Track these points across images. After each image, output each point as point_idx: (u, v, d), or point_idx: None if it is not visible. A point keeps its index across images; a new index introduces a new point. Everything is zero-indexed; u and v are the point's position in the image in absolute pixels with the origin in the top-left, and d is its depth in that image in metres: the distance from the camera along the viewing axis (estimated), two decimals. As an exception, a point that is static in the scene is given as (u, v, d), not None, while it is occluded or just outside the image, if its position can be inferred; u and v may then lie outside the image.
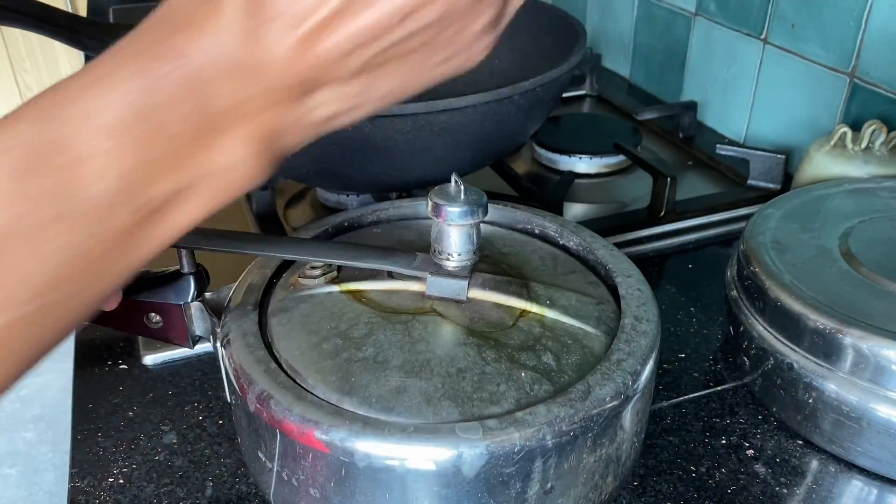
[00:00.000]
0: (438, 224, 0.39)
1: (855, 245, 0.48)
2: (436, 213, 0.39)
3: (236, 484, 0.43)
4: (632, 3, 0.98)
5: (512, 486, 0.32)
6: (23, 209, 0.22)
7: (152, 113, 0.23)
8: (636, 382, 0.35)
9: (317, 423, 0.32)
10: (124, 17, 1.27)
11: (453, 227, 0.39)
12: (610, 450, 0.35)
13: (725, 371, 0.51)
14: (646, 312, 0.39)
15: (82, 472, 0.44)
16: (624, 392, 0.34)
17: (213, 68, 0.23)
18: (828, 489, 0.43)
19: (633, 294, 0.41)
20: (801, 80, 0.73)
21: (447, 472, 0.32)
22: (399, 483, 0.32)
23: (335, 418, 0.32)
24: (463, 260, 0.40)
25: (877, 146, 0.60)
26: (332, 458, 0.32)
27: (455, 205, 0.38)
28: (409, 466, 0.31)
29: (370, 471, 0.32)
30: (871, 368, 0.41)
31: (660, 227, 0.66)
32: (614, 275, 0.42)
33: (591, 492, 0.36)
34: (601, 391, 0.34)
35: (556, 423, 0.32)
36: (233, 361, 0.37)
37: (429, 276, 0.39)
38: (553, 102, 0.59)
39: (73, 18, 0.67)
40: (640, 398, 0.36)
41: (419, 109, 0.50)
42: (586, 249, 0.45)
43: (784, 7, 0.73)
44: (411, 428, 0.32)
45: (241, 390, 0.35)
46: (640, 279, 0.42)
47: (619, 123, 0.83)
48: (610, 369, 0.35)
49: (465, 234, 0.39)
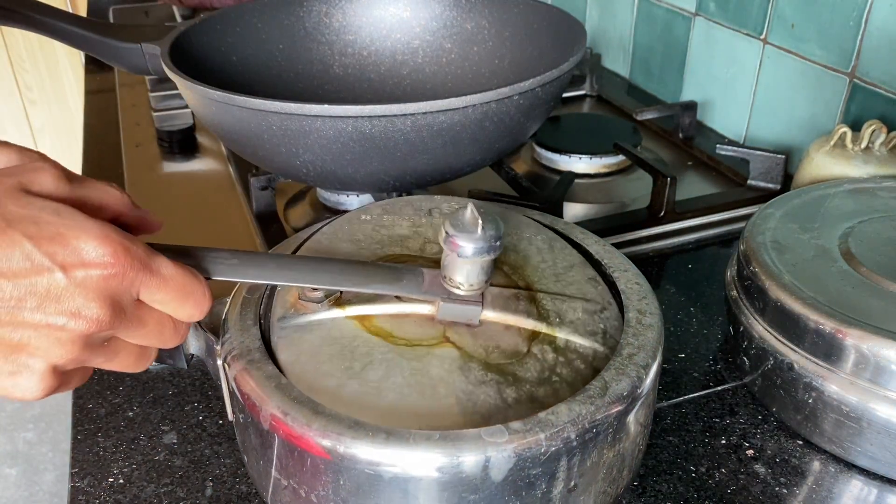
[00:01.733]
0: (451, 255, 0.37)
1: (855, 245, 0.48)
2: (450, 245, 0.36)
3: (236, 484, 0.43)
4: (631, 3, 0.98)
5: (538, 486, 0.33)
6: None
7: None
8: (648, 374, 0.36)
9: (338, 437, 0.32)
10: (124, 17, 1.27)
11: (468, 261, 0.37)
12: (627, 443, 0.36)
13: (725, 371, 0.51)
14: (648, 306, 0.40)
15: (82, 471, 0.44)
16: (638, 385, 0.35)
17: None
18: (828, 489, 0.43)
19: (632, 288, 0.42)
20: (800, 80, 0.73)
21: (475, 477, 0.31)
22: (426, 492, 0.32)
23: (357, 430, 0.32)
24: (475, 288, 0.38)
25: (877, 146, 0.60)
26: (356, 471, 0.32)
27: (472, 240, 0.36)
28: (436, 475, 0.31)
29: (399, 482, 0.32)
30: (870, 368, 0.41)
31: (660, 228, 0.66)
32: (611, 270, 0.43)
33: (609, 486, 0.36)
34: (618, 386, 0.35)
35: (578, 421, 0.33)
36: (239, 379, 0.36)
37: (441, 302, 0.38)
38: (553, 102, 0.59)
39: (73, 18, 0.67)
40: (651, 390, 0.37)
41: (419, 109, 0.50)
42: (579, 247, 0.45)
43: (784, 7, 0.73)
44: (437, 436, 0.31)
45: (251, 409, 0.35)
46: (636, 273, 0.43)
47: (619, 123, 0.83)
48: (623, 364, 0.36)
49: (479, 267, 0.38)
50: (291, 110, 0.49)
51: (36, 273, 0.28)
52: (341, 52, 0.77)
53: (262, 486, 0.38)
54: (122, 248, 0.30)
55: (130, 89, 0.99)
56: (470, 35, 0.75)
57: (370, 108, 0.49)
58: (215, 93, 0.51)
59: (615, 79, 1.03)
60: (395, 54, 0.77)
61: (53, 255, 0.29)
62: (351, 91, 0.76)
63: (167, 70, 0.58)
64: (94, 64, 1.08)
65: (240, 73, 0.69)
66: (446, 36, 0.76)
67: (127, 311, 0.31)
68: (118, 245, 0.30)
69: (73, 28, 0.66)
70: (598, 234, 0.47)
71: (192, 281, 0.33)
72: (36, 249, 0.28)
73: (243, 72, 0.70)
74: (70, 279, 0.29)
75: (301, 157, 0.53)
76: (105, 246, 0.29)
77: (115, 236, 0.30)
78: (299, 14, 0.75)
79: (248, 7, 0.72)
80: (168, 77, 0.58)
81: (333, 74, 0.76)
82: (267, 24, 0.73)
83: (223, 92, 0.51)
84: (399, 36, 0.77)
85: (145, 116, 0.89)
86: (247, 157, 0.59)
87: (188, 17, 1.15)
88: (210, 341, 0.40)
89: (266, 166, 0.60)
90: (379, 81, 0.77)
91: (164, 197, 0.72)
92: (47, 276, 0.29)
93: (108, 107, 0.95)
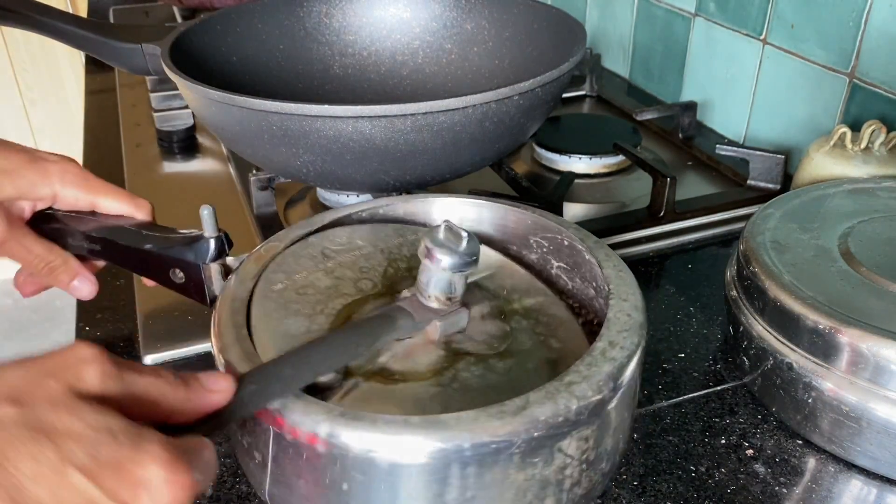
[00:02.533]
0: (438, 273, 0.39)
1: (854, 245, 0.48)
2: (438, 263, 0.38)
3: (236, 484, 0.43)
4: (631, 4, 0.98)
5: (431, 488, 0.32)
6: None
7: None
8: (581, 408, 0.33)
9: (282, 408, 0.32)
10: (124, 17, 1.27)
11: (454, 273, 0.39)
12: (546, 471, 0.33)
13: (725, 371, 0.51)
14: (625, 339, 0.37)
15: (83, 471, 0.44)
16: (565, 415, 0.32)
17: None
18: (827, 489, 0.43)
19: (619, 318, 0.39)
20: (800, 80, 0.74)
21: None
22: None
23: (297, 401, 0.33)
24: (458, 296, 0.40)
25: (876, 146, 0.60)
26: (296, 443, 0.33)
27: (455, 253, 0.38)
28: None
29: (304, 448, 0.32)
30: (870, 368, 0.41)
31: (659, 228, 0.66)
32: (611, 297, 0.40)
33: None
34: (538, 409, 0.32)
35: (477, 431, 0.31)
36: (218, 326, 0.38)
37: (437, 322, 0.40)
38: (553, 102, 0.59)
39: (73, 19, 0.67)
40: (588, 426, 0.34)
41: (419, 109, 0.50)
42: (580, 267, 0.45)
43: (783, 7, 0.73)
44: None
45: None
46: (636, 301, 0.40)
47: (619, 124, 0.83)
48: (557, 389, 0.33)
49: (461, 278, 0.40)
50: (291, 110, 0.49)
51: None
52: (341, 53, 0.77)
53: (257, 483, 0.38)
54: (190, 484, 0.27)
55: (131, 89, 0.99)
56: (470, 35, 0.75)
57: (370, 108, 0.49)
58: (215, 93, 0.52)
59: (615, 79, 1.03)
60: (395, 54, 0.77)
61: (116, 494, 0.26)
62: (351, 91, 0.76)
63: (167, 70, 0.58)
64: (95, 64, 1.08)
65: (240, 73, 0.69)
66: (446, 36, 0.76)
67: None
68: (186, 479, 0.27)
69: (73, 28, 0.67)
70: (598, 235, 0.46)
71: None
72: (96, 489, 0.25)
73: (243, 72, 0.70)
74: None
75: (301, 157, 0.53)
76: (173, 483, 0.27)
77: (183, 465, 0.27)
78: (299, 14, 0.75)
79: (249, 7, 0.72)
80: (168, 77, 0.58)
81: (333, 74, 0.76)
82: (267, 25, 0.73)
83: (223, 92, 0.51)
84: (399, 36, 0.77)
85: (145, 117, 0.89)
86: (247, 157, 0.59)
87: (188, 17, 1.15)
88: None
89: (266, 166, 0.60)
90: (379, 82, 0.77)
91: (164, 197, 0.72)
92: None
93: (108, 107, 0.95)
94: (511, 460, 0.32)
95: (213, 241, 0.44)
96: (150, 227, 0.47)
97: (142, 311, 0.56)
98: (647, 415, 0.47)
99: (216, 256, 0.44)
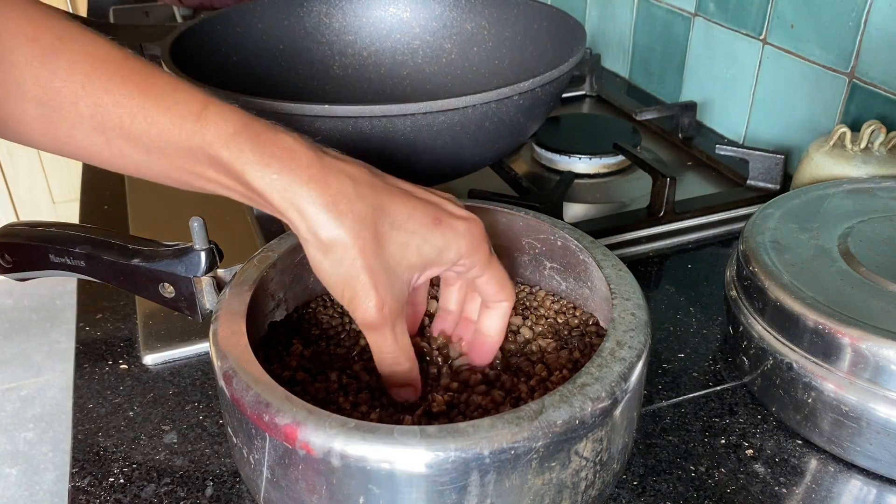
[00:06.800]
0: None
1: (854, 245, 0.48)
2: None
3: (236, 484, 0.43)
4: (631, 4, 0.98)
5: (447, 496, 0.32)
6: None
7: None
8: (596, 409, 0.33)
9: (267, 406, 0.33)
10: (124, 17, 1.27)
11: None
12: (563, 475, 0.34)
13: (725, 371, 0.51)
14: (631, 339, 0.37)
15: (83, 471, 0.44)
16: (581, 417, 0.33)
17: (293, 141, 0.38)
18: (827, 489, 0.43)
19: (623, 317, 0.39)
20: (800, 80, 0.74)
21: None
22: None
23: (284, 403, 0.33)
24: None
25: (876, 146, 0.60)
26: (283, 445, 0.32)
27: None
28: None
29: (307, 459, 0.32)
30: (870, 368, 0.41)
31: (659, 228, 0.66)
32: (614, 297, 0.40)
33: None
34: (554, 413, 0.32)
35: (495, 438, 0.31)
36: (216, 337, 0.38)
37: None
38: (553, 102, 0.59)
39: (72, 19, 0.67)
40: (602, 427, 0.34)
41: (419, 109, 0.50)
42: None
43: (783, 7, 0.74)
44: (352, 424, 0.31)
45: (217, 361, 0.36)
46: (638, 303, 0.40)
47: (619, 124, 0.83)
48: (571, 392, 0.33)
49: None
50: (291, 110, 0.49)
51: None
52: (341, 53, 0.77)
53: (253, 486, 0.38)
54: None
55: (130, 89, 0.98)
56: (470, 35, 0.75)
57: (370, 108, 0.49)
58: (215, 93, 0.51)
59: (615, 79, 1.03)
60: (395, 54, 0.77)
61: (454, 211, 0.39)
62: (351, 91, 0.76)
63: (167, 70, 0.58)
64: (94, 64, 1.08)
65: (240, 73, 0.69)
66: (446, 36, 0.76)
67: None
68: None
69: (73, 28, 0.66)
70: (597, 235, 0.47)
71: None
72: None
73: (243, 72, 0.70)
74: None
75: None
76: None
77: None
78: (299, 14, 0.75)
79: (249, 7, 0.72)
80: (168, 77, 0.58)
81: (333, 74, 0.76)
82: (267, 25, 0.73)
83: (223, 92, 0.51)
84: (399, 36, 0.77)
85: (145, 116, 0.89)
86: (247, 157, 0.58)
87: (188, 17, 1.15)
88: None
89: (266, 166, 0.60)
90: (379, 81, 0.77)
91: (164, 197, 0.72)
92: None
93: (108, 107, 0.95)
94: (529, 465, 0.32)
95: (204, 253, 0.43)
96: (136, 240, 0.46)
97: (142, 311, 0.56)
98: (647, 415, 0.47)
99: (207, 269, 0.43)
